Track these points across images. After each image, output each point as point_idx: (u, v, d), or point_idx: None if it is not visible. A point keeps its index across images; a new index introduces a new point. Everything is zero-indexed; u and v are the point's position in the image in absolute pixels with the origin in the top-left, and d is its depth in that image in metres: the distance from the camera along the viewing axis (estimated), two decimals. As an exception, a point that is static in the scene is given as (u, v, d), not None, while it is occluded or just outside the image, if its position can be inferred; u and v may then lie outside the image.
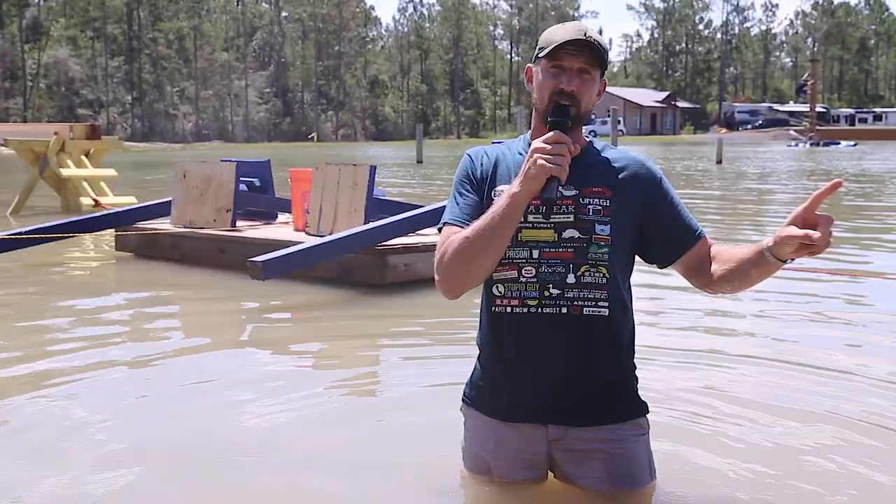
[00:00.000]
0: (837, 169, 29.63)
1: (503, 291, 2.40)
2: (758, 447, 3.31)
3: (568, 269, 2.36)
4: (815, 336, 5.29)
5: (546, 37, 2.41)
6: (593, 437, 2.43)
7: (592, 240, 2.36)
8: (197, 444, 3.40)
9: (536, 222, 2.37)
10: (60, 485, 2.99)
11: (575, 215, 2.37)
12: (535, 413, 2.43)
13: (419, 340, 5.34)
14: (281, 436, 3.49)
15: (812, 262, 8.29)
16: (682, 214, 2.46)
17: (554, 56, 2.36)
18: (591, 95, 2.39)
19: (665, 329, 5.27)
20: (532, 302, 2.37)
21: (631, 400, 2.50)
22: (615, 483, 2.45)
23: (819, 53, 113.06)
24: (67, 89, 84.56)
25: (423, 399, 4.06)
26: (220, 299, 6.75)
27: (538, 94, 2.41)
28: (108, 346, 5.17)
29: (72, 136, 14.46)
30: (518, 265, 2.37)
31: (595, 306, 2.37)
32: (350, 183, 7.41)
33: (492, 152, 2.52)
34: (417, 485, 2.92)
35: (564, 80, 2.35)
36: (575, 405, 2.41)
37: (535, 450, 2.47)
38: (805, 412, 3.73)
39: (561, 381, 2.39)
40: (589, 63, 2.36)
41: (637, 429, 2.49)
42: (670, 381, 4.12)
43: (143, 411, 3.86)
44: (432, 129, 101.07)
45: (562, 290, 2.36)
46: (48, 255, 8.56)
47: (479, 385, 2.53)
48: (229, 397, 4.07)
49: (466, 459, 2.62)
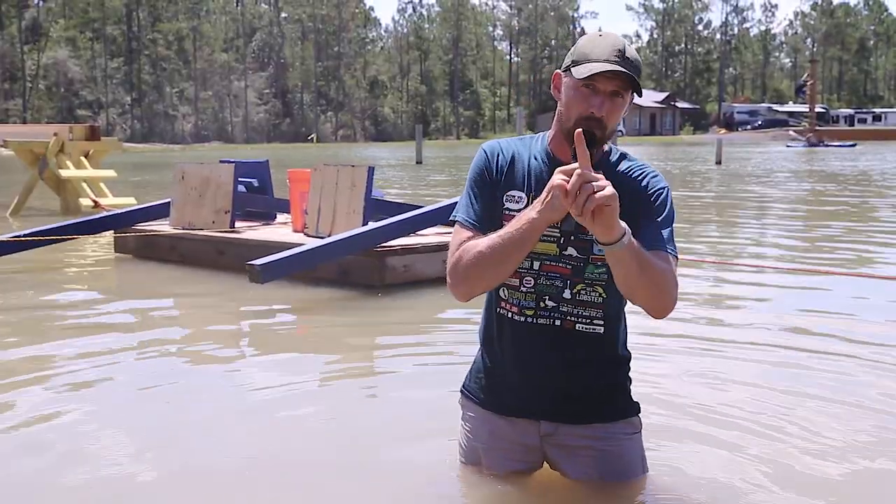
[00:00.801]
0: (834, 169, 29.62)
1: (506, 296, 2.45)
2: (752, 441, 3.31)
3: (565, 285, 2.39)
4: (813, 337, 5.29)
5: (581, 51, 2.31)
6: (584, 434, 2.48)
7: (590, 260, 2.37)
8: (197, 444, 3.40)
9: (543, 235, 2.33)
10: (59, 484, 2.98)
11: (575, 234, 2.36)
12: (526, 409, 2.48)
13: (418, 341, 5.33)
14: (281, 436, 3.49)
15: (810, 262, 8.30)
16: (652, 226, 2.33)
17: (588, 76, 2.27)
18: (619, 115, 2.33)
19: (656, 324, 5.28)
20: (528, 311, 2.42)
21: (623, 400, 2.54)
22: (605, 478, 2.51)
23: (818, 54, 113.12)
24: (67, 90, 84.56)
25: (422, 399, 4.05)
26: (219, 301, 6.75)
27: (565, 110, 2.35)
28: (108, 345, 5.16)
29: (71, 137, 14.45)
30: (520, 274, 2.41)
31: (590, 324, 2.40)
32: (349, 184, 7.40)
33: (508, 149, 2.47)
34: (415, 482, 2.94)
35: (596, 103, 2.28)
36: (564, 405, 2.46)
37: (527, 442, 2.53)
38: (803, 407, 3.73)
39: (552, 387, 2.44)
40: (623, 87, 2.29)
41: (629, 427, 2.53)
42: (662, 377, 4.12)
43: (140, 413, 3.85)
44: (432, 130, 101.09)
45: (557, 304, 2.40)
46: (47, 256, 8.55)
47: (478, 377, 2.59)
48: (229, 398, 4.07)
49: (461, 451, 2.69)
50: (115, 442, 3.42)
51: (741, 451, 3.25)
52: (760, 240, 10.82)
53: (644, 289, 2.24)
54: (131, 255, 8.66)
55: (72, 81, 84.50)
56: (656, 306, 2.30)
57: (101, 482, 3.02)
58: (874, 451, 3.30)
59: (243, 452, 3.28)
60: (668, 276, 2.26)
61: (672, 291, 2.29)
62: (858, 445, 3.35)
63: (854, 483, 3.03)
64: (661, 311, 2.32)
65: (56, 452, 3.31)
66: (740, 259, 8.59)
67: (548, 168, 2.39)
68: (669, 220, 2.38)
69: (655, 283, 2.23)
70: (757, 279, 7.43)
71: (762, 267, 7.99)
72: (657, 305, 2.30)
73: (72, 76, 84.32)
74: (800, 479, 3.02)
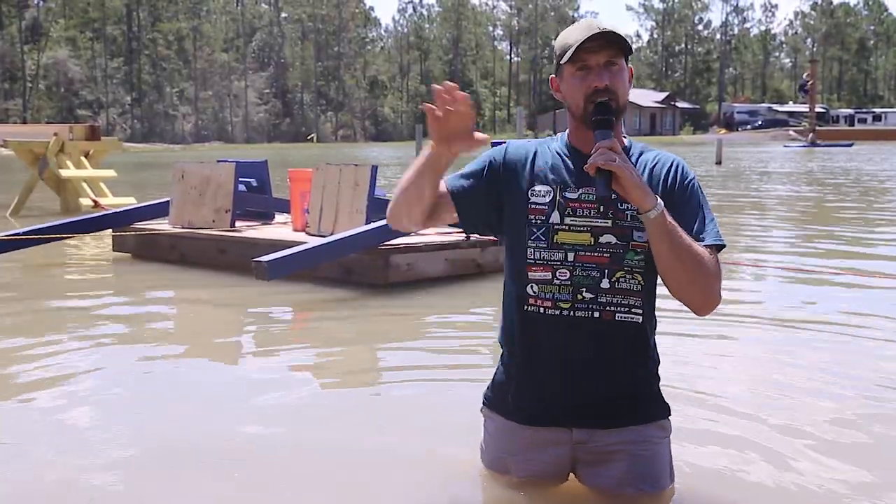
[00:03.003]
0: (831, 169, 29.63)
1: (537, 291, 2.38)
2: (762, 444, 3.28)
3: (603, 274, 2.34)
4: (811, 339, 5.26)
5: (561, 43, 2.37)
6: (618, 440, 2.42)
7: (630, 246, 2.34)
8: (197, 444, 3.37)
9: (573, 225, 2.35)
10: (58, 484, 2.96)
11: (613, 220, 2.34)
12: (558, 417, 2.41)
13: (421, 340, 5.31)
14: (283, 435, 3.46)
15: (811, 263, 8.28)
16: (691, 218, 2.34)
17: (577, 59, 2.32)
18: (625, 83, 2.36)
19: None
20: (564, 305, 2.36)
21: (654, 401, 2.48)
22: (638, 484, 2.44)
23: (818, 54, 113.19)
24: (67, 90, 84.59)
25: (426, 399, 4.03)
26: (221, 300, 6.72)
27: (572, 100, 2.37)
28: (108, 346, 5.14)
29: (71, 136, 14.44)
30: (552, 267, 2.36)
31: (629, 312, 2.36)
32: (351, 183, 7.38)
33: (530, 149, 2.48)
34: (430, 484, 2.90)
35: (595, 77, 2.31)
36: (600, 408, 2.40)
37: (556, 452, 2.45)
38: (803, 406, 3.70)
39: (588, 383, 2.38)
40: (613, 54, 2.33)
41: (661, 431, 2.48)
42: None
43: (141, 412, 3.82)
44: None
45: (595, 295, 2.34)
46: (46, 256, 8.52)
47: (502, 386, 2.51)
48: (230, 397, 4.04)
49: (485, 459, 2.61)
50: (115, 442, 3.38)
51: (748, 452, 3.22)
52: (761, 240, 10.78)
53: (678, 271, 2.26)
54: (130, 254, 8.63)
55: (72, 81, 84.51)
56: (693, 297, 2.32)
57: (100, 482, 3.00)
58: (878, 444, 3.27)
59: (244, 452, 3.26)
60: (705, 263, 2.27)
61: (707, 283, 2.29)
62: (859, 439, 3.33)
63: (854, 484, 3.00)
64: (699, 305, 2.34)
65: (54, 451, 3.28)
66: (741, 259, 8.57)
67: (569, 161, 2.41)
68: (700, 207, 2.38)
69: (687, 268, 2.25)
70: (756, 279, 7.40)
71: (762, 267, 7.96)
72: (694, 297, 2.31)
73: (72, 76, 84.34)
74: (804, 480, 3.00)
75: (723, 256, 2.40)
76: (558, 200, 2.37)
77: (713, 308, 2.35)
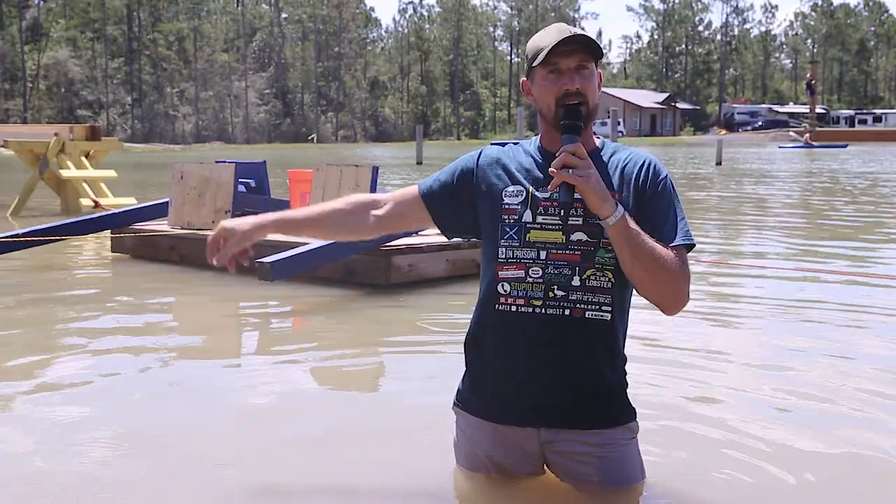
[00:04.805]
0: (829, 169, 29.64)
1: (509, 290, 2.41)
2: (749, 443, 3.27)
3: (574, 272, 2.37)
4: (809, 344, 5.25)
5: (533, 46, 2.42)
6: (585, 441, 2.45)
7: (601, 244, 2.37)
8: (198, 444, 3.36)
9: (545, 223, 2.39)
10: (54, 484, 2.95)
11: (584, 218, 2.37)
12: (525, 416, 2.45)
13: (423, 341, 5.31)
14: (282, 436, 3.45)
15: (810, 265, 8.27)
16: (660, 218, 2.39)
17: (548, 62, 2.37)
18: (595, 88, 2.41)
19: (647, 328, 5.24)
20: (537, 302, 2.39)
21: (621, 405, 2.51)
22: (608, 487, 2.49)
23: (819, 55, 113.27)
24: (67, 90, 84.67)
25: (426, 399, 4.01)
26: (221, 301, 6.70)
27: (543, 103, 2.42)
28: (107, 346, 5.13)
29: (72, 137, 14.41)
30: (526, 265, 2.39)
31: (598, 310, 2.39)
32: (352, 184, 7.37)
33: (504, 155, 2.54)
34: (417, 484, 2.91)
35: (566, 80, 2.36)
36: (567, 407, 2.42)
37: (525, 450, 2.50)
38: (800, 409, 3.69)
39: (556, 381, 2.41)
40: (584, 58, 2.38)
41: (628, 432, 2.52)
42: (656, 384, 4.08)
43: (141, 412, 3.81)
44: (432, 131, 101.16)
45: (566, 292, 2.37)
46: (45, 256, 8.51)
47: (471, 386, 2.57)
48: (231, 398, 4.03)
49: (460, 457, 2.65)
50: (115, 441, 3.38)
51: (734, 451, 3.22)
52: (761, 239, 10.78)
53: (641, 274, 2.32)
54: (129, 254, 8.62)
55: (72, 81, 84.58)
56: (659, 299, 2.37)
57: (100, 482, 2.99)
58: (863, 456, 3.27)
59: (245, 452, 3.25)
60: (668, 266, 2.31)
61: (672, 285, 2.34)
62: (853, 444, 3.32)
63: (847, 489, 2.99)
64: (666, 305, 2.38)
65: (52, 451, 3.27)
66: (740, 259, 8.56)
67: (540, 161, 2.47)
68: (671, 206, 2.42)
69: (649, 271, 2.30)
70: (756, 279, 7.39)
71: (762, 266, 7.96)
72: (659, 298, 2.36)
73: (72, 76, 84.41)
74: (793, 482, 2.99)
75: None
76: (531, 200, 2.42)
77: (680, 308, 2.40)
